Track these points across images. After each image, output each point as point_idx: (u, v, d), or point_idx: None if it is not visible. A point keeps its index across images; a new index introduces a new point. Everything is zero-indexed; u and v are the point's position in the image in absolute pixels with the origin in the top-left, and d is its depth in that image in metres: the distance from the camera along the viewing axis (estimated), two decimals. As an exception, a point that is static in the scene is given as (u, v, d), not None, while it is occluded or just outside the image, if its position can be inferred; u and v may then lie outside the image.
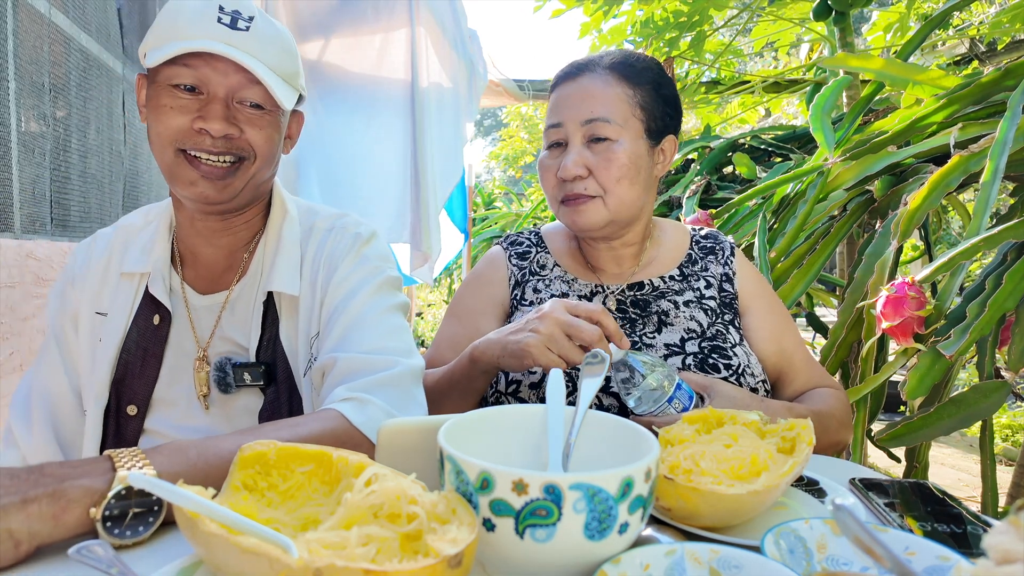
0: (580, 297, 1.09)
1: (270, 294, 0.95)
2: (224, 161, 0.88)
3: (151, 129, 0.88)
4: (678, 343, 1.02)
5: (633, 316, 1.06)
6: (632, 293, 1.09)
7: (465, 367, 0.94)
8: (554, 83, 1.08)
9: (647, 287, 1.09)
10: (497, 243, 1.24)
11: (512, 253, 1.18)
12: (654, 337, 1.03)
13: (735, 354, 1.02)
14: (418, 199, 2.34)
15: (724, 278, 1.12)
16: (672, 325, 1.04)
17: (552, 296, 1.10)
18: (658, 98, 1.05)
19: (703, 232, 1.20)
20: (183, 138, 0.86)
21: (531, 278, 1.15)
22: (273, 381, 0.93)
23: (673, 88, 1.09)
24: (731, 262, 1.13)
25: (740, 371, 1.00)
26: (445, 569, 0.41)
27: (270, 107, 0.91)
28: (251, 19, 0.88)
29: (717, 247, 1.16)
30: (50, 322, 1.00)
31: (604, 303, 1.08)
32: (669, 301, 1.07)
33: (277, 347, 0.93)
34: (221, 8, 0.86)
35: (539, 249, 1.19)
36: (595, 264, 1.13)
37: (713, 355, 1.00)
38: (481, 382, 0.95)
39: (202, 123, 0.85)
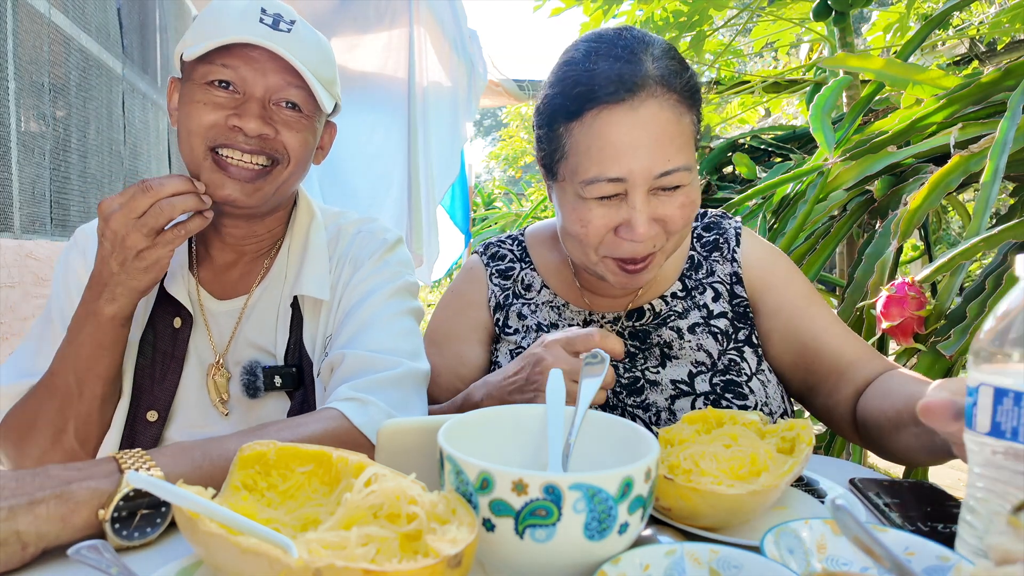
0: (572, 326, 0.97)
1: (295, 297, 0.94)
2: (256, 163, 0.86)
3: (181, 126, 0.86)
4: (686, 379, 0.91)
5: (632, 350, 0.95)
6: (630, 323, 0.97)
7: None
8: (586, 100, 0.80)
9: (647, 314, 0.97)
10: (476, 252, 1.10)
11: (493, 271, 1.05)
12: (658, 372, 0.92)
13: (751, 389, 0.91)
14: (411, 200, 2.34)
15: (733, 280, 0.98)
16: (677, 358, 0.93)
17: (539, 323, 0.99)
18: (700, 116, 0.89)
19: (706, 222, 1.04)
20: (216, 135, 0.84)
21: (515, 301, 1.02)
22: (302, 384, 0.92)
23: None
24: (737, 255, 0.99)
25: (757, 409, 0.90)
26: (445, 569, 0.41)
27: (307, 110, 0.89)
28: (292, 23, 0.87)
29: (721, 240, 1.01)
30: (55, 295, 0.93)
31: None
32: (672, 329, 0.95)
33: (302, 351, 0.93)
34: (263, 10, 0.85)
35: (524, 265, 1.05)
36: (590, 288, 1.00)
37: (727, 394, 0.90)
38: None
39: (237, 120, 0.83)
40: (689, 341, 0.94)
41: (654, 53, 0.82)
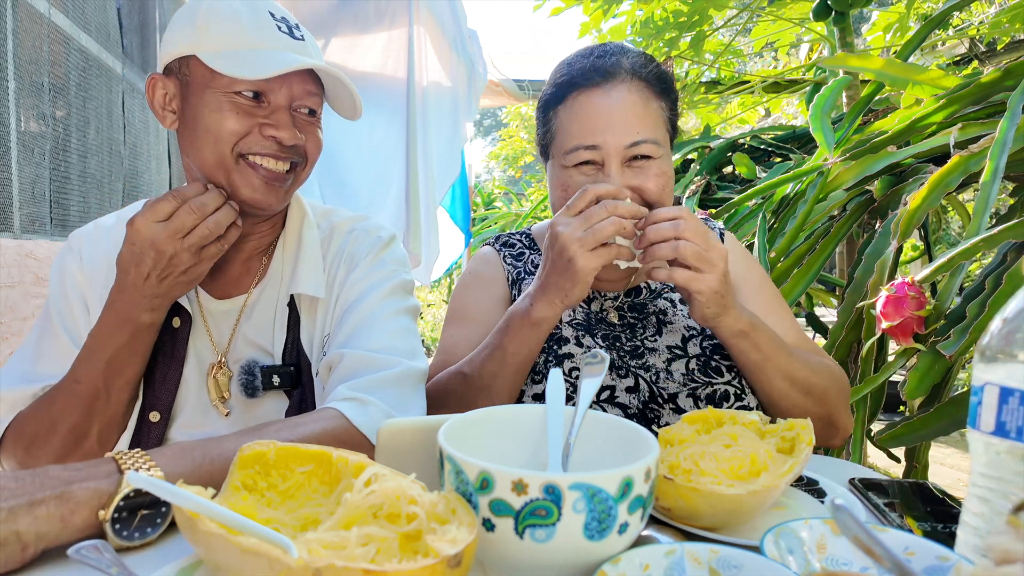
0: (579, 305, 1.05)
1: (292, 296, 0.94)
2: (284, 169, 0.88)
3: (205, 132, 0.84)
4: (680, 344, 1.00)
5: (632, 320, 1.04)
6: (628, 299, 1.06)
7: (524, 336, 0.89)
8: (568, 87, 0.96)
9: (643, 291, 1.07)
10: (487, 244, 1.20)
11: (506, 254, 1.15)
12: (655, 340, 1.00)
13: None
14: (409, 200, 2.34)
15: None
16: (672, 323, 1.02)
17: None
18: (676, 109, 1.01)
19: None
20: (250, 143, 0.85)
21: (527, 277, 1.11)
22: (300, 383, 0.93)
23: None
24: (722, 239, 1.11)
25: (742, 373, 0.97)
26: (445, 569, 0.41)
27: (319, 113, 0.92)
28: (298, 27, 0.88)
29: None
30: (53, 299, 0.93)
31: (602, 310, 1.05)
32: (666, 299, 1.05)
33: (300, 349, 0.93)
34: (272, 15, 0.86)
35: (531, 251, 1.16)
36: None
37: (715, 356, 0.98)
38: (537, 345, 0.91)
39: (273, 131, 0.85)
40: (681, 310, 1.04)
41: (629, 55, 0.97)
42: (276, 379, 0.91)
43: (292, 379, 0.92)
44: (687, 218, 0.83)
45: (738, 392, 0.95)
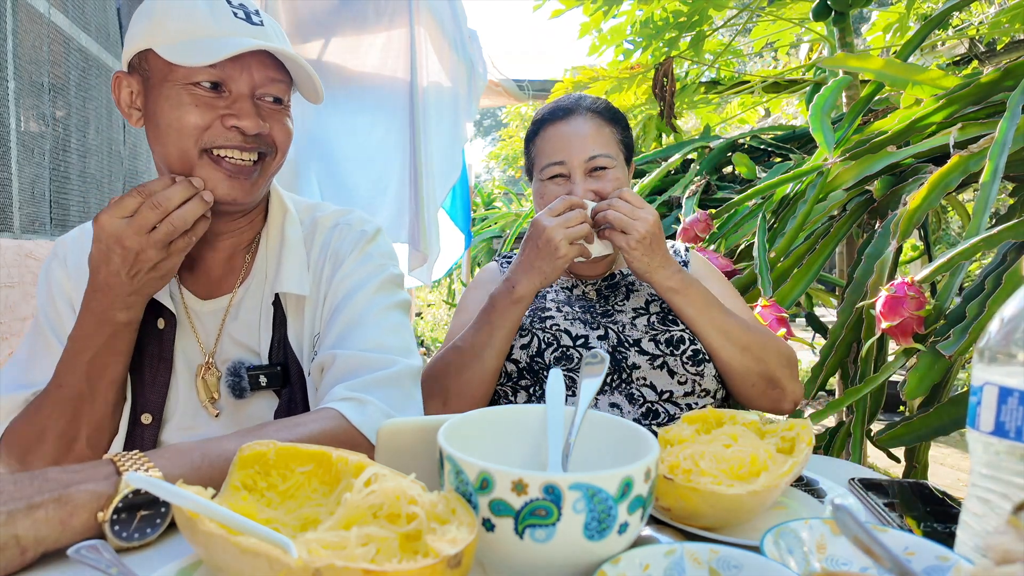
0: (562, 288, 1.26)
1: (277, 295, 0.93)
2: (250, 159, 0.86)
3: (168, 127, 0.82)
4: (643, 305, 1.19)
5: (606, 293, 1.24)
6: (606, 282, 1.26)
7: (506, 310, 1.07)
8: (540, 123, 1.23)
9: (617, 276, 1.27)
10: (493, 260, 1.42)
11: (502, 263, 1.38)
12: (623, 303, 1.20)
13: None
14: (416, 199, 2.34)
15: (681, 264, 1.27)
16: (638, 291, 1.22)
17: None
18: (628, 134, 1.25)
19: None
20: (212, 136, 0.82)
21: None
22: (288, 383, 0.92)
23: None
24: (687, 258, 1.30)
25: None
26: (444, 569, 0.41)
27: (286, 101, 0.89)
28: (257, 13, 0.86)
29: (672, 250, 1.31)
30: (42, 305, 0.93)
31: (584, 291, 1.24)
32: (635, 277, 1.24)
33: (287, 348, 0.92)
34: (229, 2, 0.84)
35: None
36: (575, 272, 1.27)
37: (671, 315, 1.15)
38: (519, 318, 1.09)
39: (235, 121, 0.82)
40: (646, 284, 1.22)
41: (586, 98, 1.23)
42: (263, 379, 0.90)
43: (280, 379, 0.91)
44: (621, 197, 1.07)
45: (691, 338, 1.10)
